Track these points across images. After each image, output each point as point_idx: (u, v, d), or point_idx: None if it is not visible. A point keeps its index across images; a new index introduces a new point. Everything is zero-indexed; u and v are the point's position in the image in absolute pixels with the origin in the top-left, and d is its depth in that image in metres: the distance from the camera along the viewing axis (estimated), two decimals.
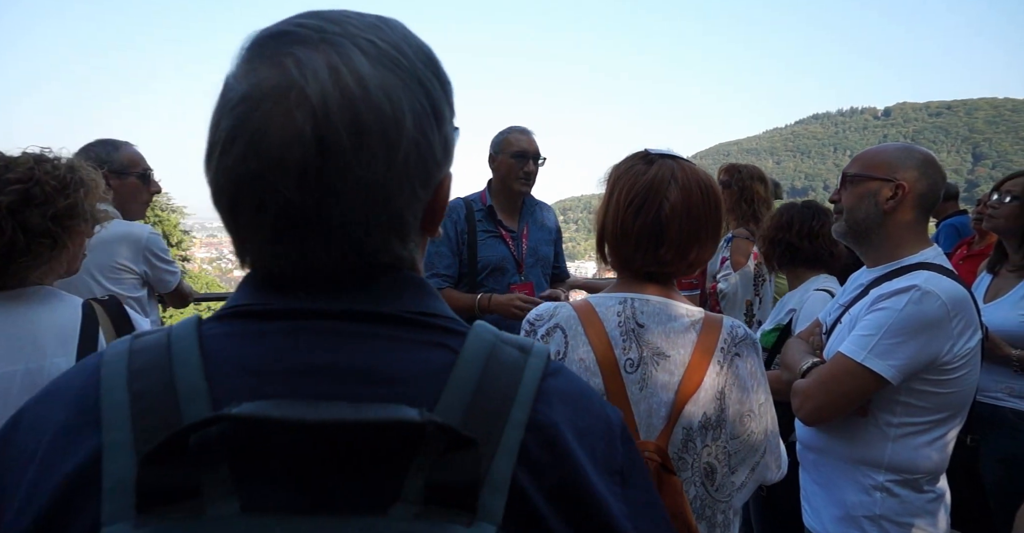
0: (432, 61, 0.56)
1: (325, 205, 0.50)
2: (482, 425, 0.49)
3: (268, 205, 0.50)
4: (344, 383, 0.50)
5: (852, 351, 1.47)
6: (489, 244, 2.58)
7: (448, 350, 0.54)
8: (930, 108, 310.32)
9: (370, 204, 0.51)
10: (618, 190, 1.24)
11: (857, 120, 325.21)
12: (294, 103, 0.48)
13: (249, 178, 0.49)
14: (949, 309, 1.42)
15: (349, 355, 0.51)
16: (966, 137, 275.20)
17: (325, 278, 0.54)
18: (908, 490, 1.50)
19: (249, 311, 0.54)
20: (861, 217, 1.59)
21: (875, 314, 1.48)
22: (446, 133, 0.56)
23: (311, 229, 0.51)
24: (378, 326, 0.53)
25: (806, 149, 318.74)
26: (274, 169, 0.48)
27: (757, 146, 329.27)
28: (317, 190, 0.49)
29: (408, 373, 0.51)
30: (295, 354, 0.50)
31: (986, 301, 2.43)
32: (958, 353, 1.44)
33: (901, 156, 1.57)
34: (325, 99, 0.48)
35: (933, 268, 1.50)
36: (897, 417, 1.49)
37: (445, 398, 0.50)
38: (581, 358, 1.18)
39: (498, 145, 2.61)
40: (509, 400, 0.51)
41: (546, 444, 0.51)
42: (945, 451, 1.52)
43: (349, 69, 0.49)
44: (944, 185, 1.61)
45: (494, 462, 0.48)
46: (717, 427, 1.19)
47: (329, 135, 0.48)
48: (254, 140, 0.48)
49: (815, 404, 1.52)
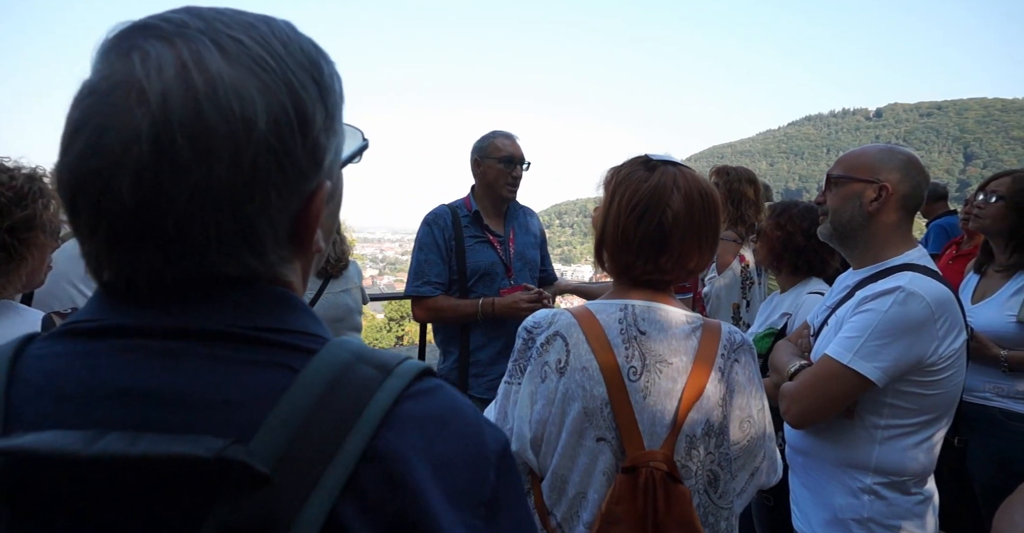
0: (314, 66, 0.52)
1: (161, 211, 0.46)
2: (307, 456, 0.44)
3: (104, 208, 0.46)
4: (158, 410, 0.45)
5: (838, 353, 1.47)
6: (477, 249, 2.57)
7: (289, 371, 0.49)
8: (921, 108, 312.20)
9: (212, 211, 0.47)
10: (619, 196, 1.23)
11: (849, 121, 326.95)
12: (135, 100, 0.45)
13: (88, 176, 0.46)
14: (934, 310, 1.43)
15: (170, 378, 0.46)
16: (957, 137, 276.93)
17: (166, 291, 0.49)
18: (896, 492, 1.50)
19: (80, 328, 0.50)
20: (846, 219, 1.59)
21: (860, 316, 1.48)
22: (315, 141, 0.51)
23: (147, 236, 0.47)
24: (207, 345, 0.48)
25: (799, 150, 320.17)
26: (112, 169, 0.45)
27: (751, 148, 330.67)
28: (152, 194, 0.45)
29: (233, 398, 0.46)
30: (111, 377, 0.46)
31: (974, 302, 2.43)
32: (943, 354, 1.44)
33: (884, 157, 1.57)
34: (166, 97, 0.45)
35: (918, 269, 1.50)
36: (884, 419, 1.49)
37: (268, 425, 0.45)
38: (584, 367, 1.16)
39: (483, 150, 2.60)
40: (346, 427, 0.46)
41: (384, 476, 0.46)
42: (932, 453, 1.52)
43: (199, 67, 0.46)
44: (927, 185, 1.62)
45: (310, 499, 0.43)
46: (719, 434, 1.19)
47: (166, 135, 0.45)
48: (94, 136, 0.45)
49: (802, 407, 1.52)
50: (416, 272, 2.56)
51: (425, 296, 2.53)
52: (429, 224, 2.58)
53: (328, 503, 0.44)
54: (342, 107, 0.57)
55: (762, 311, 2.47)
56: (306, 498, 0.43)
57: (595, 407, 1.15)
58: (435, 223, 2.58)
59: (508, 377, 1.24)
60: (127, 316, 0.49)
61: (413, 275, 2.57)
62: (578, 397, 1.15)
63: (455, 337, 2.58)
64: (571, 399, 1.16)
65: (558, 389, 1.17)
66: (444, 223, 2.57)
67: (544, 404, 1.18)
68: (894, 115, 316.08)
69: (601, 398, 1.15)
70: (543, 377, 1.18)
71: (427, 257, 2.54)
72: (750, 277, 3.06)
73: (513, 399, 1.22)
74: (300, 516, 0.43)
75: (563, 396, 1.16)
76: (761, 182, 3.25)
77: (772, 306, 2.40)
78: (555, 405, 1.17)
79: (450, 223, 2.57)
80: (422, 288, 2.53)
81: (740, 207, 3.10)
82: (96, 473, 0.42)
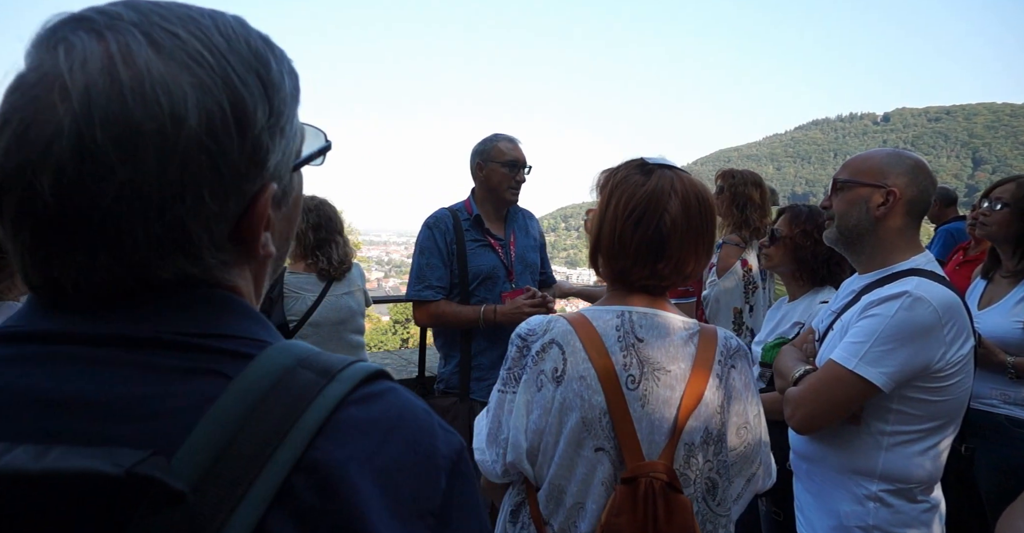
0: (261, 62, 0.50)
1: (84, 211, 0.44)
2: (233, 469, 0.42)
3: (27, 206, 0.44)
4: (77, 420, 0.43)
5: (843, 358, 1.46)
6: (479, 253, 2.56)
7: (222, 378, 0.46)
8: (929, 113, 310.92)
9: (139, 212, 0.45)
10: (615, 200, 1.21)
11: (856, 126, 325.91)
12: (57, 95, 0.43)
13: (11, 173, 0.44)
14: (940, 315, 1.41)
15: (92, 386, 0.44)
16: (965, 142, 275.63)
17: (96, 296, 0.47)
18: (902, 500, 1.48)
19: (7, 334, 0.48)
20: (852, 223, 1.58)
21: (866, 321, 1.47)
22: (257, 140, 0.49)
23: (71, 237, 0.45)
24: (134, 352, 0.46)
25: (806, 155, 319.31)
26: (34, 166, 0.43)
27: (757, 152, 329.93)
28: (75, 193, 0.43)
29: (159, 407, 0.44)
30: (30, 385, 0.44)
31: (980, 307, 2.42)
32: (951, 360, 1.43)
33: (891, 162, 1.56)
34: (89, 92, 0.43)
35: (924, 274, 1.49)
36: (890, 425, 1.48)
37: (194, 437, 0.42)
38: (582, 376, 1.15)
39: (486, 154, 2.59)
40: (278, 437, 0.44)
41: (320, 487, 0.43)
42: (939, 460, 1.50)
43: (127, 60, 0.44)
44: (935, 191, 1.61)
45: (235, 514, 0.41)
46: (718, 441, 1.18)
47: (88, 132, 0.43)
48: (19, 131, 0.44)
49: (806, 412, 1.51)
50: (417, 276, 2.55)
51: (427, 300, 2.52)
52: (430, 227, 2.58)
53: (254, 518, 0.41)
54: (295, 106, 0.54)
55: (769, 318, 2.43)
56: (230, 514, 0.41)
57: (593, 417, 1.13)
58: (436, 227, 2.57)
59: (502, 385, 1.22)
60: (52, 322, 0.47)
61: (414, 279, 2.56)
62: (576, 407, 1.14)
63: (456, 341, 2.57)
64: (569, 409, 1.14)
65: (555, 398, 1.15)
66: (445, 226, 2.56)
67: (541, 414, 1.16)
68: (902, 120, 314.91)
69: (600, 407, 1.13)
70: (539, 386, 1.17)
71: (428, 261, 2.53)
72: (753, 281, 3.03)
73: (508, 408, 1.20)
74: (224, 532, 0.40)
75: (560, 406, 1.15)
76: (768, 186, 3.23)
77: (781, 314, 2.34)
78: (552, 415, 1.15)
79: (451, 226, 2.56)
80: (423, 292, 2.52)
81: (745, 211, 3.08)
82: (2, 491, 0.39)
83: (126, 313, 0.47)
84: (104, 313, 0.47)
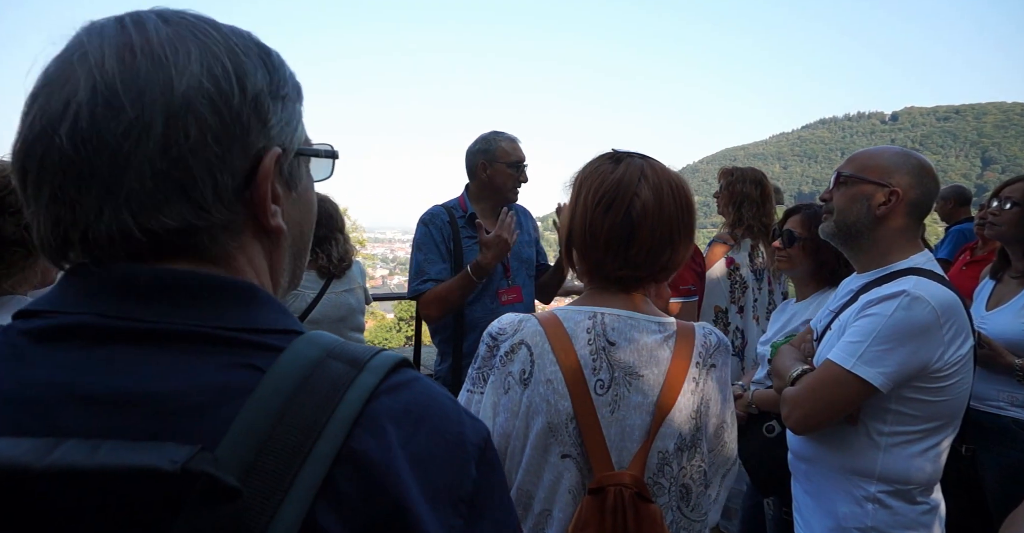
0: (263, 49, 0.55)
1: (95, 150, 0.46)
2: (276, 462, 0.43)
3: (48, 163, 0.47)
4: (120, 415, 0.43)
5: (841, 358, 1.44)
6: (475, 251, 2.53)
7: (255, 371, 0.47)
8: (938, 112, 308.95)
9: (144, 148, 0.47)
10: (585, 190, 1.18)
11: (864, 125, 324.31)
12: (78, 59, 0.48)
13: (34, 139, 0.48)
14: (939, 315, 1.39)
15: (132, 381, 0.45)
16: (975, 142, 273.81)
17: (122, 280, 0.48)
18: (901, 501, 1.46)
19: (38, 327, 0.48)
20: (852, 220, 1.56)
21: (864, 320, 1.45)
22: (257, 97, 0.52)
23: (84, 182, 0.47)
24: (170, 346, 0.47)
25: (813, 154, 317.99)
26: (54, 124, 0.47)
27: (764, 151, 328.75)
28: (88, 134, 0.46)
29: (197, 402, 0.44)
30: (71, 379, 0.44)
31: (988, 308, 2.38)
32: (949, 360, 1.41)
33: (897, 161, 1.54)
34: (103, 52, 0.48)
35: (923, 273, 1.47)
36: (888, 426, 1.46)
37: (234, 431, 0.43)
38: (548, 379, 1.11)
39: (490, 154, 2.56)
40: (317, 428, 0.45)
41: (362, 478, 0.44)
42: (939, 461, 1.49)
43: (138, 28, 0.49)
44: (938, 194, 1.58)
45: (282, 507, 0.42)
46: (693, 447, 1.15)
47: (101, 79, 0.47)
48: (43, 102, 0.48)
49: (803, 412, 1.49)
50: (416, 272, 2.53)
51: (424, 293, 2.50)
52: (426, 224, 2.56)
53: (302, 510, 0.42)
54: (296, 100, 0.57)
55: (775, 318, 2.40)
56: (278, 506, 0.41)
57: (560, 422, 1.10)
58: (432, 223, 2.55)
59: (470, 385, 1.19)
60: (86, 314, 0.47)
61: (413, 275, 2.54)
62: (542, 411, 1.10)
63: (450, 339, 2.55)
64: (535, 413, 1.10)
65: (522, 401, 1.11)
66: (441, 222, 2.55)
67: (507, 417, 1.12)
68: (910, 119, 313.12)
69: (566, 412, 1.10)
70: (506, 388, 1.13)
71: (426, 256, 2.51)
72: (741, 281, 2.98)
73: (475, 409, 1.16)
74: (272, 526, 0.41)
75: (527, 409, 1.11)
76: (772, 184, 3.18)
77: (789, 314, 2.31)
78: (519, 418, 1.11)
79: (447, 222, 2.55)
80: (422, 286, 2.49)
81: (741, 209, 3.02)
82: (50, 485, 0.39)
83: (159, 306, 0.48)
84: (137, 307, 0.48)
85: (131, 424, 0.43)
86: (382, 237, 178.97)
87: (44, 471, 0.37)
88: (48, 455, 0.37)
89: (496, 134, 2.62)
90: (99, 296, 0.48)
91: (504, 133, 2.62)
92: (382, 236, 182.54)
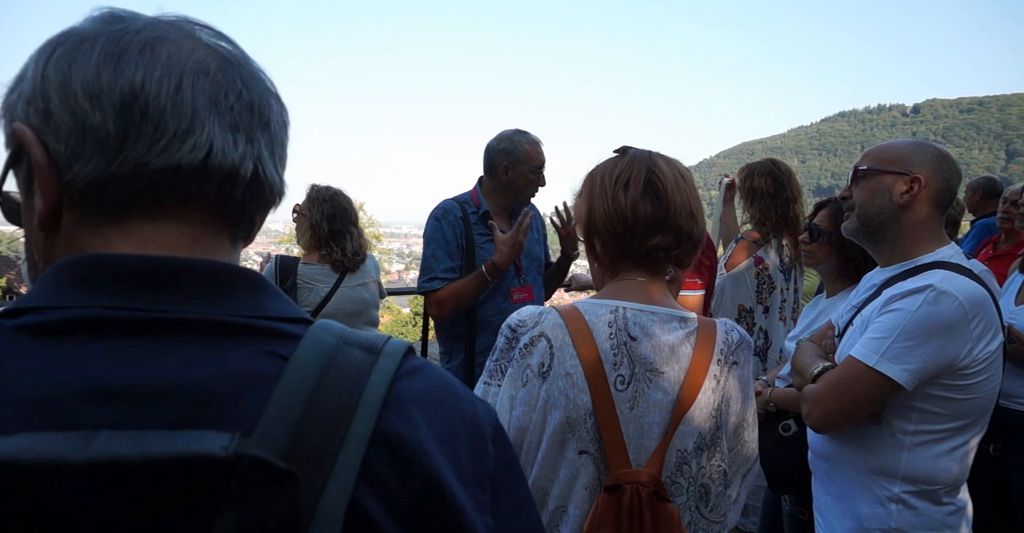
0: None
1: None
2: (313, 447, 0.43)
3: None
4: (147, 407, 0.42)
5: (863, 355, 1.40)
6: (487, 248, 2.50)
7: (278, 359, 0.47)
8: (961, 104, 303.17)
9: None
10: (599, 177, 1.19)
11: (885, 117, 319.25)
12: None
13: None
14: (967, 310, 1.34)
15: (157, 372, 0.44)
16: (999, 134, 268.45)
17: (135, 276, 0.47)
18: (926, 502, 1.42)
19: (43, 321, 0.46)
20: (874, 212, 1.51)
21: (888, 315, 1.41)
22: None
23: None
24: (190, 336, 0.46)
25: (832, 147, 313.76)
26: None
27: (782, 144, 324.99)
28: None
29: (225, 390, 0.44)
30: (88, 374, 0.43)
31: (1018, 303, 2.32)
32: (977, 357, 1.36)
33: (915, 150, 1.50)
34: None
35: (950, 267, 1.42)
36: (913, 425, 1.41)
37: (267, 417, 0.43)
38: (568, 373, 1.09)
39: (513, 156, 2.52)
40: (349, 412, 0.45)
41: (395, 459, 0.45)
42: (966, 461, 1.44)
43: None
44: (959, 182, 1.52)
45: (327, 490, 0.42)
46: (712, 446, 1.13)
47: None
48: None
49: (824, 410, 1.46)
50: (424, 268, 2.51)
51: (433, 291, 2.49)
52: (438, 219, 2.53)
53: (346, 492, 0.43)
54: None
55: (805, 315, 2.34)
56: (322, 489, 0.42)
57: (578, 417, 1.08)
58: (444, 219, 2.52)
59: (487, 377, 1.17)
60: (94, 305, 0.45)
61: (422, 271, 2.53)
62: (560, 405, 1.08)
63: (460, 336, 2.52)
64: (552, 407, 1.09)
65: (539, 395, 1.09)
66: (454, 218, 2.52)
67: (524, 410, 1.10)
68: (932, 111, 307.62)
69: (585, 408, 1.08)
70: (524, 381, 1.11)
71: (434, 252, 2.49)
72: (769, 281, 2.91)
73: (492, 402, 1.14)
74: (320, 509, 0.42)
75: (544, 403, 1.09)
76: (785, 172, 2.99)
77: (818, 310, 2.25)
78: (536, 412, 1.10)
79: (460, 219, 2.52)
80: (429, 284, 2.48)
81: (755, 204, 2.92)
82: (89, 480, 0.37)
83: (166, 296, 0.47)
84: (148, 295, 0.47)
85: (159, 416, 0.42)
86: (398, 232, 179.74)
87: (87, 464, 0.35)
88: (87, 447, 0.36)
89: (520, 135, 2.56)
90: (98, 288, 0.47)
91: (528, 134, 2.58)
92: (398, 231, 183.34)
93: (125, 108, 0.48)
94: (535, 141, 2.56)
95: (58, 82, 0.48)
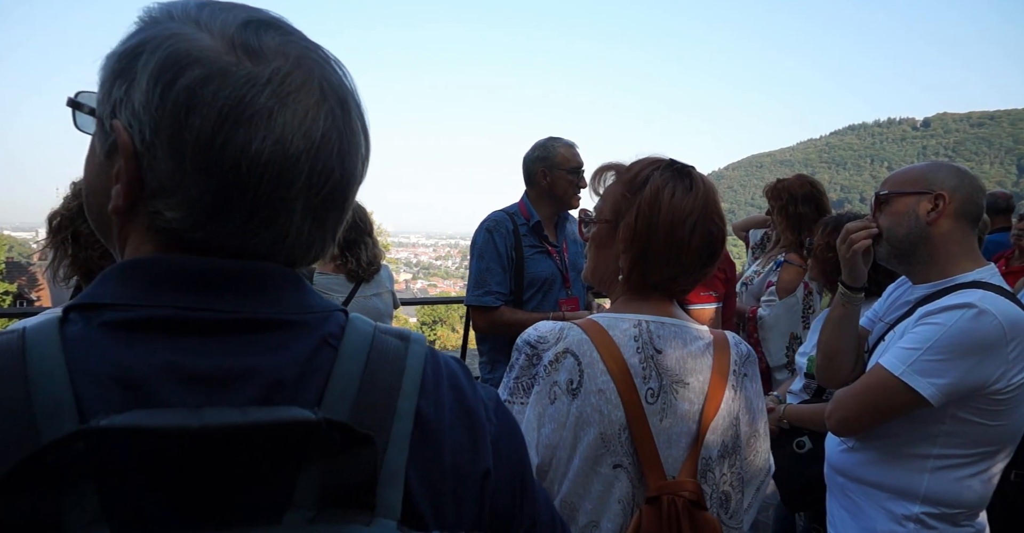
0: None
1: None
2: (371, 419, 0.50)
3: None
4: (226, 389, 0.47)
5: (891, 364, 1.38)
6: (537, 260, 2.51)
7: (330, 348, 0.53)
8: (972, 118, 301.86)
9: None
10: (668, 206, 1.13)
11: (895, 131, 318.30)
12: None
13: None
14: (1006, 331, 1.31)
15: (231, 359, 0.49)
16: (1010, 148, 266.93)
17: (188, 272, 0.51)
18: (945, 524, 1.41)
19: (121, 319, 0.49)
20: (903, 234, 1.49)
21: (923, 328, 1.38)
22: None
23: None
24: (255, 330, 0.51)
25: (842, 160, 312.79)
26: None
27: (791, 157, 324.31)
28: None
29: (293, 375, 0.50)
30: (174, 360, 0.47)
31: None
32: (1012, 381, 1.33)
33: (933, 169, 1.49)
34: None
35: (990, 288, 1.39)
36: (938, 448, 1.39)
37: (330, 395, 0.50)
38: (600, 389, 1.08)
39: (550, 160, 2.53)
40: (395, 391, 0.53)
41: (429, 434, 0.54)
42: (988, 486, 1.42)
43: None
44: (984, 195, 1.52)
45: (387, 456, 0.50)
46: (733, 453, 1.14)
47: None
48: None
49: (844, 414, 1.46)
50: (477, 281, 2.50)
51: (488, 307, 2.47)
52: (491, 231, 2.51)
53: (403, 459, 0.50)
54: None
55: (814, 329, 2.34)
56: (384, 451, 0.50)
57: (613, 432, 1.07)
58: (496, 231, 2.51)
59: (508, 396, 1.14)
60: (166, 304, 0.49)
61: (474, 284, 2.51)
62: (594, 422, 1.07)
63: (505, 347, 2.49)
64: (586, 423, 1.08)
65: (570, 412, 1.08)
66: (505, 231, 2.51)
67: (554, 428, 1.09)
68: (943, 125, 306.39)
69: (619, 423, 1.07)
70: (552, 398, 1.09)
71: (488, 265, 2.47)
72: (812, 305, 2.82)
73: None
74: (384, 465, 0.49)
75: (576, 420, 1.08)
76: (823, 193, 2.95)
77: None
78: (567, 429, 1.08)
79: (511, 231, 2.51)
80: (484, 298, 2.47)
81: (800, 233, 2.84)
82: (194, 447, 0.43)
83: (229, 296, 0.51)
84: (212, 297, 0.51)
85: (239, 396, 0.47)
86: (406, 242, 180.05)
87: (202, 430, 0.41)
88: (200, 417, 0.41)
89: (553, 140, 2.58)
90: (166, 289, 0.50)
91: (561, 139, 2.60)
92: (406, 240, 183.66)
93: (225, 189, 0.50)
94: (569, 144, 2.58)
95: (170, 129, 0.48)
